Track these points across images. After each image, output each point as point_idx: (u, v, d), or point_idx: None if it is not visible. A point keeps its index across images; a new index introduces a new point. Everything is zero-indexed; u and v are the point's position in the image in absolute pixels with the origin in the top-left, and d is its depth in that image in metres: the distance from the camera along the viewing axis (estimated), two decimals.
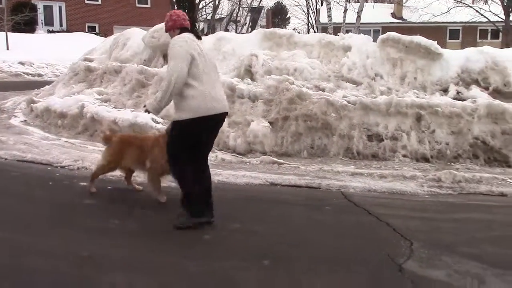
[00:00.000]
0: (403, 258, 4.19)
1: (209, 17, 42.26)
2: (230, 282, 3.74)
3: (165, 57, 11.06)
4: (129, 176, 5.91)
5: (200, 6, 41.71)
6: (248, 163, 7.59)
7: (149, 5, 35.48)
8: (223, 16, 43.75)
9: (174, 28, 4.72)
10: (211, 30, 36.79)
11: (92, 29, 34.38)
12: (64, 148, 8.03)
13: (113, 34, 17.58)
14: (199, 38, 4.71)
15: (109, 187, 6.00)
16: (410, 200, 6.16)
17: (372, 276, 3.90)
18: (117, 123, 8.46)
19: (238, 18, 41.59)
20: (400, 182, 6.81)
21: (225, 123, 8.28)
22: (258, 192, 6.23)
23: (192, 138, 4.60)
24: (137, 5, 35.45)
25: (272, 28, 11.70)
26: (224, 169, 7.19)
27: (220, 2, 42.22)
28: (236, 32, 36.17)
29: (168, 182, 5.64)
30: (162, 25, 11.00)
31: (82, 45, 21.99)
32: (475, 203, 6.15)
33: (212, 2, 42.07)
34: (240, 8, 41.72)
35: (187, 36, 4.58)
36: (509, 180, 7.11)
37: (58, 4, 34.58)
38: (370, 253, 4.32)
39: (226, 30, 36.35)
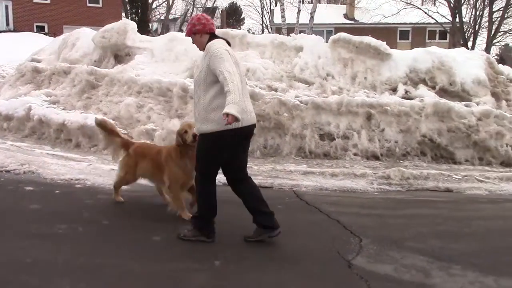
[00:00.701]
0: (352, 254, 4.27)
1: (162, 17, 41.87)
2: (181, 284, 3.71)
3: (116, 57, 10.87)
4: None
5: (154, 6, 41.29)
6: None
7: (100, 5, 34.71)
8: (177, 16, 43.42)
9: (203, 33, 4.35)
10: (165, 30, 36.42)
11: (40, 29, 33.36)
12: (9, 151, 7.75)
13: (62, 34, 17.11)
14: (229, 45, 4.42)
15: (57, 191, 5.84)
16: (361, 197, 6.29)
17: (321, 272, 3.95)
18: (66, 125, 8.26)
19: None
20: (351, 180, 6.93)
21: (178, 124, 8.24)
22: None
23: (225, 151, 4.28)
24: (88, 4, 34.63)
25: (225, 29, 11.68)
26: None
27: (174, 2, 41.91)
28: None
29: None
30: (114, 25, 10.82)
31: (30, 45, 21.26)
32: (422, 199, 6.34)
33: (166, 2, 41.71)
34: (194, 8, 41.49)
35: (225, 43, 4.34)
36: (455, 176, 7.36)
37: (4, 3, 33.41)
38: (321, 250, 4.37)
39: (181, 30, 36.05)
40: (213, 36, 4.38)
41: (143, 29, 24.34)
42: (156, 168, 5.15)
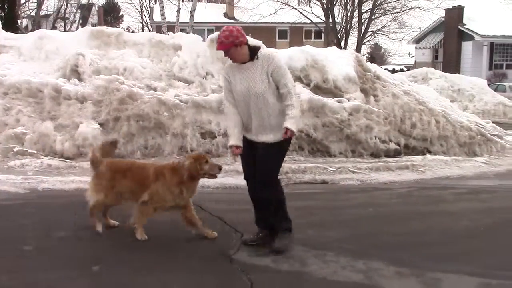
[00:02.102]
0: (234, 249, 4.36)
1: (33, 13, 39.27)
2: None
3: None
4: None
5: (23, 1, 38.59)
6: (77, 168, 7.23)
7: None
8: (49, 12, 40.99)
9: (243, 44, 4.22)
10: (36, 27, 34.24)
11: None
12: None
13: None
14: None
15: None
16: (242, 193, 6.36)
17: (204, 269, 3.98)
18: None
19: (66, 15, 39.29)
20: (233, 177, 7.04)
21: (51, 126, 7.83)
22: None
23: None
24: None
25: (100, 27, 11.26)
26: (50, 175, 6.78)
27: None
28: (65, 30, 34.15)
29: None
30: None
31: None
32: (300, 192, 6.62)
33: None
34: (68, 5, 39.46)
35: None
36: (330, 168, 7.79)
37: None
38: (203, 247, 4.41)
39: (54, 27, 34.06)
40: (248, 45, 4.30)
41: (11, 26, 22.65)
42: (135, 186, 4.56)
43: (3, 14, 27.45)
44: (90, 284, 3.72)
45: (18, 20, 31.66)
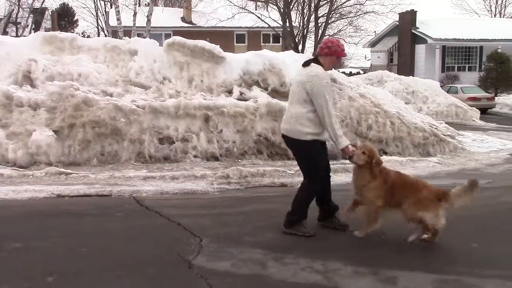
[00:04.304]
0: (192, 254, 4.33)
1: None
2: None
3: None
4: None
5: None
6: (31, 176, 7.04)
7: None
8: (0, 17, 39.80)
9: None
10: None
11: None
12: None
13: None
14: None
15: None
16: (201, 198, 6.39)
17: (162, 276, 3.93)
18: None
19: (18, 20, 38.24)
20: (192, 182, 7.01)
21: (3, 135, 7.60)
22: (43, 206, 5.83)
23: None
24: None
25: (53, 32, 11.01)
26: (2, 184, 6.57)
27: None
28: (16, 35, 33.22)
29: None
30: None
31: None
32: (259, 195, 6.64)
33: None
34: (20, 9, 38.42)
35: None
36: (288, 171, 7.84)
37: None
38: (161, 254, 4.36)
39: (5, 32, 33.12)
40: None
41: None
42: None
43: None
44: None
45: None
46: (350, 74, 29.11)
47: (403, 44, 34.19)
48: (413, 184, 4.88)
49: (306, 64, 4.92)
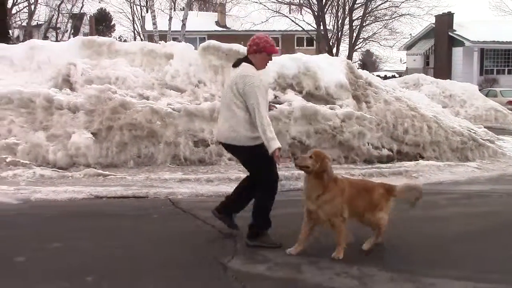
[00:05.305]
0: (228, 257, 4.34)
1: (24, 24, 39.19)
2: None
3: None
4: None
5: (14, 11, 38.51)
6: (70, 177, 7.22)
7: None
8: (41, 22, 40.92)
9: None
10: (28, 37, 34.18)
11: None
12: None
13: None
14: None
15: None
16: None
17: (198, 278, 3.96)
18: None
19: (58, 25, 39.27)
20: (226, 185, 7.04)
21: (44, 137, 7.81)
22: (82, 207, 5.97)
23: None
24: None
25: (91, 36, 11.26)
26: (43, 185, 6.75)
27: (37, 7, 39.42)
28: (56, 40, 34.10)
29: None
30: None
31: None
32: (293, 199, 6.58)
33: (27, 8, 39.10)
34: (60, 14, 39.40)
35: None
36: None
37: None
38: (197, 256, 4.39)
39: (46, 37, 34.06)
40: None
41: (2, 36, 22.54)
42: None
43: None
44: None
45: (10, 31, 31.54)
46: (385, 77, 28.70)
47: (439, 47, 33.62)
48: (364, 186, 4.65)
49: (236, 64, 4.66)
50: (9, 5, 33.25)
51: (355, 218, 4.53)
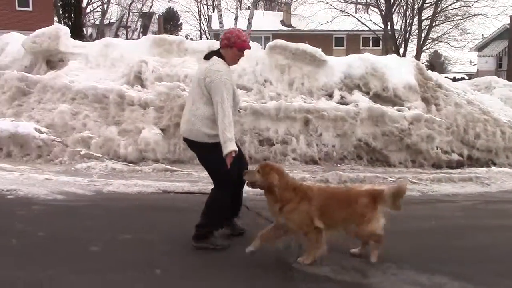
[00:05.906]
0: (293, 257, 4.32)
1: (97, 22, 40.87)
2: None
3: (48, 63, 10.50)
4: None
5: (88, 10, 40.24)
6: (140, 172, 7.45)
7: (30, 9, 33.35)
8: (112, 21, 42.53)
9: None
10: (100, 35, 35.59)
11: None
12: None
13: None
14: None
15: None
16: None
17: (264, 276, 3.99)
18: None
19: (128, 24, 40.66)
20: None
21: (115, 131, 8.10)
22: (150, 201, 6.14)
23: None
24: (17, 8, 33.22)
25: (162, 35, 11.57)
26: (115, 178, 7.00)
27: (109, 7, 41.04)
28: (126, 38, 35.29)
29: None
30: (45, 29, 10.47)
31: None
32: None
33: (100, 7, 40.77)
34: (130, 13, 40.78)
35: None
36: (390, 179, 7.63)
37: None
38: (263, 254, 4.39)
39: (116, 35, 35.38)
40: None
41: (77, 34, 23.62)
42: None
43: (70, 22, 28.73)
44: (154, 286, 3.80)
45: (84, 29, 32.98)
46: (454, 79, 27.67)
47: None
48: (343, 195, 4.37)
49: (207, 57, 4.47)
50: (84, 4, 34.76)
51: (339, 230, 4.28)
